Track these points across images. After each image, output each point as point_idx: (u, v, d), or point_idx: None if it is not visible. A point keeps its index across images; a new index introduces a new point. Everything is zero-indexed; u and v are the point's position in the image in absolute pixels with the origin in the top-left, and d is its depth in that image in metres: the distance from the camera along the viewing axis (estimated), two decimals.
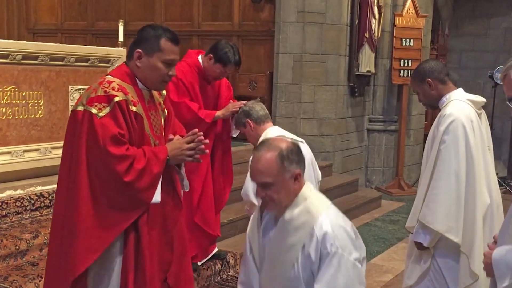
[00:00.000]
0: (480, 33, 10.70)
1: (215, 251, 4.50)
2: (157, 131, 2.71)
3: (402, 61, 8.31)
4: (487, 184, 3.16)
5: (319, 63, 7.58)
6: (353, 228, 2.38)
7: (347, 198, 7.32)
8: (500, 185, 3.68)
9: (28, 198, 4.36)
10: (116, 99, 2.52)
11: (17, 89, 4.56)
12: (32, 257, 3.91)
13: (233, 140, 4.38)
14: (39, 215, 4.40)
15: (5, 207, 4.19)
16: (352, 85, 8.02)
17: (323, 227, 2.23)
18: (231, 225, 5.41)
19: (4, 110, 4.47)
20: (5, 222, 4.16)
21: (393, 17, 8.33)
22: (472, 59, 10.61)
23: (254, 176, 2.31)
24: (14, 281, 3.50)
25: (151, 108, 2.71)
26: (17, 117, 4.58)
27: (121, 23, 6.33)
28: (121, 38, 6.24)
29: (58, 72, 4.88)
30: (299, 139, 3.49)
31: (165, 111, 2.83)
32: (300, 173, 2.30)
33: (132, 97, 2.59)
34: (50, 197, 4.49)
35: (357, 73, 8.02)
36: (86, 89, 2.70)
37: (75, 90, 5.03)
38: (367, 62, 8.08)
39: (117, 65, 5.32)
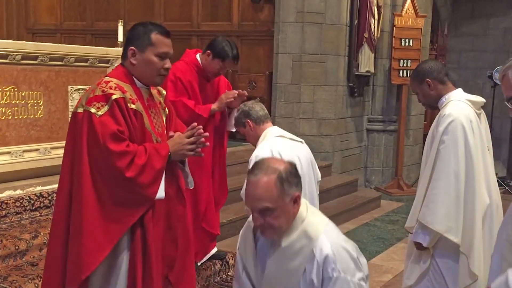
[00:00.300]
0: (479, 33, 10.70)
1: (215, 250, 4.50)
2: (158, 128, 2.74)
3: (401, 61, 8.31)
4: (487, 184, 3.16)
5: (318, 63, 7.58)
6: (354, 245, 2.25)
7: (346, 198, 7.33)
8: (499, 185, 3.68)
9: (27, 198, 4.36)
10: (113, 97, 2.55)
11: (16, 89, 4.56)
12: (31, 257, 3.91)
13: (233, 140, 4.39)
14: (39, 215, 4.40)
15: (4, 207, 4.19)
16: (351, 85, 8.02)
17: (323, 251, 2.12)
18: (231, 225, 5.41)
19: (3, 110, 4.47)
20: (5, 222, 4.16)
21: (393, 17, 8.33)
22: (471, 59, 10.61)
23: (251, 202, 2.13)
24: (13, 281, 3.51)
25: (151, 106, 2.74)
26: (16, 117, 4.58)
27: (120, 23, 6.33)
28: (121, 38, 6.24)
29: (57, 72, 4.89)
30: (299, 139, 3.49)
31: (166, 109, 2.86)
32: (299, 195, 2.17)
33: (130, 95, 2.63)
34: (49, 197, 4.50)
35: (357, 73, 8.03)
36: (85, 91, 2.74)
37: (75, 90, 5.03)
38: (366, 62, 8.08)
39: (116, 65, 5.33)
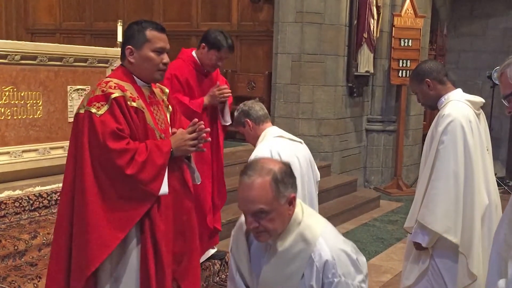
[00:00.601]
0: (478, 33, 10.70)
1: (214, 251, 4.50)
2: (161, 125, 2.78)
3: (400, 61, 8.32)
4: (486, 184, 3.16)
5: (317, 64, 7.58)
6: (353, 246, 2.17)
7: (345, 198, 7.33)
8: (498, 185, 3.69)
9: (26, 198, 4.36)
10: (113, 96, 2.60)
11: (15, 89, 4.55)
12: (30, 257, 3.91)
13: (233, 140, 4.39)
14: (38, 215, 4.39)
15: (3, 208, 4.18)
16: (350, 85, 8.02)
17: (322, 256, 2.03)
18: (230, 225, 5.40)
19: (2, 110, 4.46)
20: (4, 222, 4.15)
21: (392, 18, 8.34)
22: (470, 59, 10.62)
23: (245, 204, 2.02)
24: (12, 281, 3.50)
25: (153, 103, 2.79)
26: (15, 117, 4.57)
27: (119, 23, 6.33)
28: (120, 38, 6.22)
29: (56, 72, 4.88)
30: (298, 139, 3.49)
31: (170, 107, 2.91)
32: (295, 197, 2.08)
33: (130, 93, 2.67)
34: (48, 198, 4.49)
35: (356, 73, 8.03)
36: (88, 93, 2.79)
37: (74, 90, 5.03)
38: (365, 62, 8.09)
39: (115, 65, 5.33)
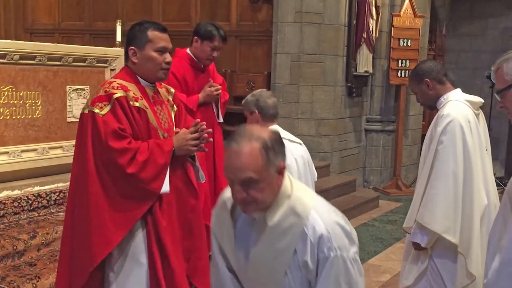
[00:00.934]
0: (477, 33, 10.71)
1: None
2: (165, 124, 2.82)
3: (399, 61, 8.32)
4: (485, 184, 3.16)
5: (317, 63, 7.58)
6: (343, 216, 2.08)
7: (344, 198, 7.32)
8: (497, 185, 3.69)
9: (25, 198, 4.35)
10: (115, 96, 2.66)
11: (14, 89, 4.55)
12: (29, 257, 3.91)
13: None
14: (37, 215, 4.39)
15: (2, 208, 4.18)
16: (350, 85, 8.02)
17: (316, 230, 1.91)
18: None
19: (1, 110, 4.47)
20: (3, 222, 4.15)
21: (391, 18, 8.33)
22: (469, 59, 10.62)
23: (233, 173, 1.89)
24: (11, 281, 3.50)
25: (157, 102, 2.84)
26: (14, 117, 4.57)
27: (118, 23, 6.33)
28: (119, 38, 6.24)
29: (55, 72, 4.88)
30: (298, 140, 3.48)
31: (175, 106, 2.95)
32: (285, 166, 1.96)
33: (133, 93, 2.72)
34: (47, 198, 4.49)
35: (355, 73, 8.03)
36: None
37: (73, 90, 5.03)
38: (364, 62, 8.08)
39: (114, 65, 5.34)
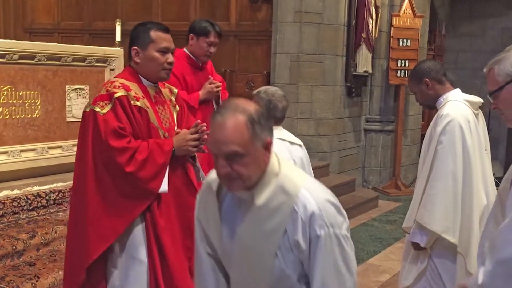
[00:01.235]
0: (477, 33, 10.71)
1: None
2: (166, 124, 2.85)
3: (399, 61, 8.32)
4: (484, 184, 3.16)
5: (316, 63, 7.58)
6: (333, 194, 1.98)
7: (344, 198, 7.32)
8: (496, 185, 3.66)
9: (25, 198, 4.35)
10: (116, 95, 2.69)
11: (13, 89, 4.55)
12: (29, 257, 3.90)
13: None
14: (36, 215, 4.39)
15: (1, 207, 4.18)
16: (349, 85, 8.02)
17: (307, 208, 1.82)
18: None
19: (0, 110, 4.47)
20: (2, 222, 4.15)
21: (390, 17, 8.34)
22: (469, 59, 10.62)
23: (217, 146, 1.79)
24: (11, 281, 3.50)
25: (159, 102, 2.86)
26: (13, 117, 4.57)
27: (118, 23, 6.33)
28: (118, 38, 6.24)
29: (55, 71, 4.88)
30: (298, 142, 3.48)
31: (177, 107, 2.98)
32: (271, 142, 1.86)
33: (135, 93, 2.75)
34: (47, 197, 4.49)
35: (354, 73, 8.03)
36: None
37: (72, 90, 5.03)
38: (364, 62, 8.09)
39: (114, 64, 5.34)
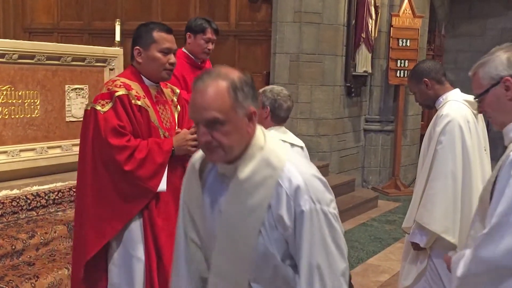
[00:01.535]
0: (476, 33, 10.72)
1: None
2: (166, 123, 2.87)
3: (398, 61, 8.33)
4: (484, 184, 3.16)
5: (315, 63, 7.58)
6: (316, 169, 1.91)
7: (343, 198, 7.32)
8: None
9: (24, 197, 4.35)
10: (117, 94, 2.72)
11: (13, 89, 4.55)
12: (28, 257, 3.90)
13: None
14: (35, 214, 4.39)
15: (1, 207, 4.17)
16: (348, 85, 8.02)
17: (292, 181, 1.72)
18: None
19: (0, 109, 4.46)
20: (1, 221, 4.15)
21: (390, 18, 8.34)
22: (468, 59, 10.61)
23: (197, 112, 1.72)
24: (10, 281, 3.49)
25: (160, 102, 2.89)
26: (13, 117, 4.57)
27: (118, 23, 6.32)
28: (118, 37, 6.23)
29: (54, 71, 4.88)
30: (300, 144, 3.48)
31: (178, 107, 3.01)
32: (255, 112, 1.77)
33: (136, 92, 2.77)
34: (46, 197, 4.48)
35: (354, 73, 8.03)
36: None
37: (72, 89, 5.03)
38: (363, 62, 8.08)
39: (113, 64, 5.34)
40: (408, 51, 8.34)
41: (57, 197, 4.55)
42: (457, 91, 3.23)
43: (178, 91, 3.08)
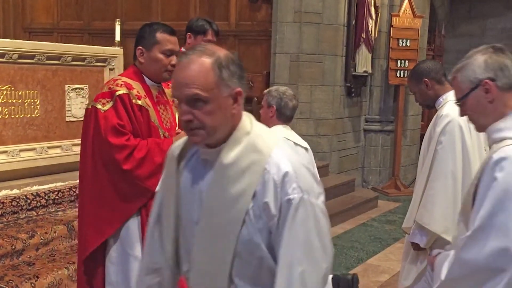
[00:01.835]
0: (476, 33, 10.72)
1: None
2: (167, 123, 2.89)
3: (398, 61, 8.32)
4: None
5: (315, 63, 7.58)
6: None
7: (343, 198, 7.32)
8: None
9: (24, 197, 4.35)
10: (117, 93, 2.73)
11: (13, 88, 4.55)
12: (28, 256, 3.90)
13: None
14: (35, 214, 4.39)
15: (1, 207, 4.17)
16: (348, 85, 8.02)
17: (281, 167, 1.60)
18: None
19: (0, 109, 4.46)
20: (1, 221, 4.14)
21: (390, 18, 8.34)
22: None
23: (178, 88, 1.61)
24: (10, 281, 3.49)
25: (161, 102, 2.90)
26: (13, 117, 4.57)
27: (117, 23, 6.32)
28: (118, 37, 6.23)
29: (54, 71, 4.88)
30: (304, 145, 3.49)
31: None
32: (241, 92, 1.65)
33: (137, 92, 2.79)
34: (46, 197, 4.48)
35: (354, 73, 8.03)
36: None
37: (72, 89, 5.03)
38: (363, 62, 8.08)
39: (113, 64, 5.34)
40: (408, 51, 8.34)
41: (57, 197, 4.55)
42: None
43: None
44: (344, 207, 6.97)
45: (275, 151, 1.64)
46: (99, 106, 2.72)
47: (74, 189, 4.58)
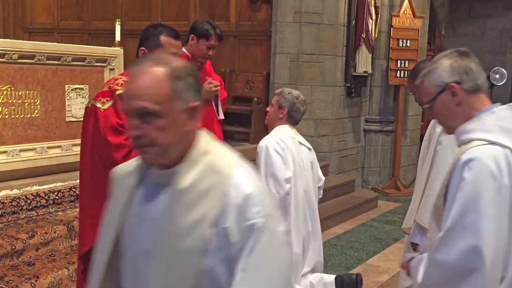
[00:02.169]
0: (476, 34, 10.73)
1: None
2: None
3: (398, 61, 8.32)
4: None
5: (315, 64, 7.58)
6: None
7: (343, 198, 7.33)
8: None
9: (24, 197, 4.35)
10: (117, 92, 2.72)
11: (13, 89, 4.55)
12: (28, 257, 3.90)
13: (231, 140, 4.41)
14: (35, 214, 4.39)
15: (1, 207, 4.18)
16: (348, 85, 8.02)
17: (243, 189, 1.46)
18: None
19: (0, 109, 4.46)
20: (1, 221, 4.15)
21: (390, 18, 8.34)
22: None
23: (128, 100, 1.47)
24: (10, 281, 3.49)
25: None
26: (13, 117, 4.57)
27: (117, 23, 6.32)
28: (118, 37, 6.23)
29: (54, 71, 4.88)
30: (307, 145, 3.53)
31: None
32: (198, 107, 1.50)
33: None
34: (46, 197, 4.49)
35: (354, 74, 8.03)
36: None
37: (72, 89, 5.03)
38: (364, 62, 8.09)
39: (113, 64, 5.34)
40: (408, 51, 8.34)
41: (57, 197, 4.56)
42: None
43: None
44: (344, 207, 6.97)
45: (236, 171, 1.50)
46: (99, 105, 2.73)
47: (74, 189, 4.59)
